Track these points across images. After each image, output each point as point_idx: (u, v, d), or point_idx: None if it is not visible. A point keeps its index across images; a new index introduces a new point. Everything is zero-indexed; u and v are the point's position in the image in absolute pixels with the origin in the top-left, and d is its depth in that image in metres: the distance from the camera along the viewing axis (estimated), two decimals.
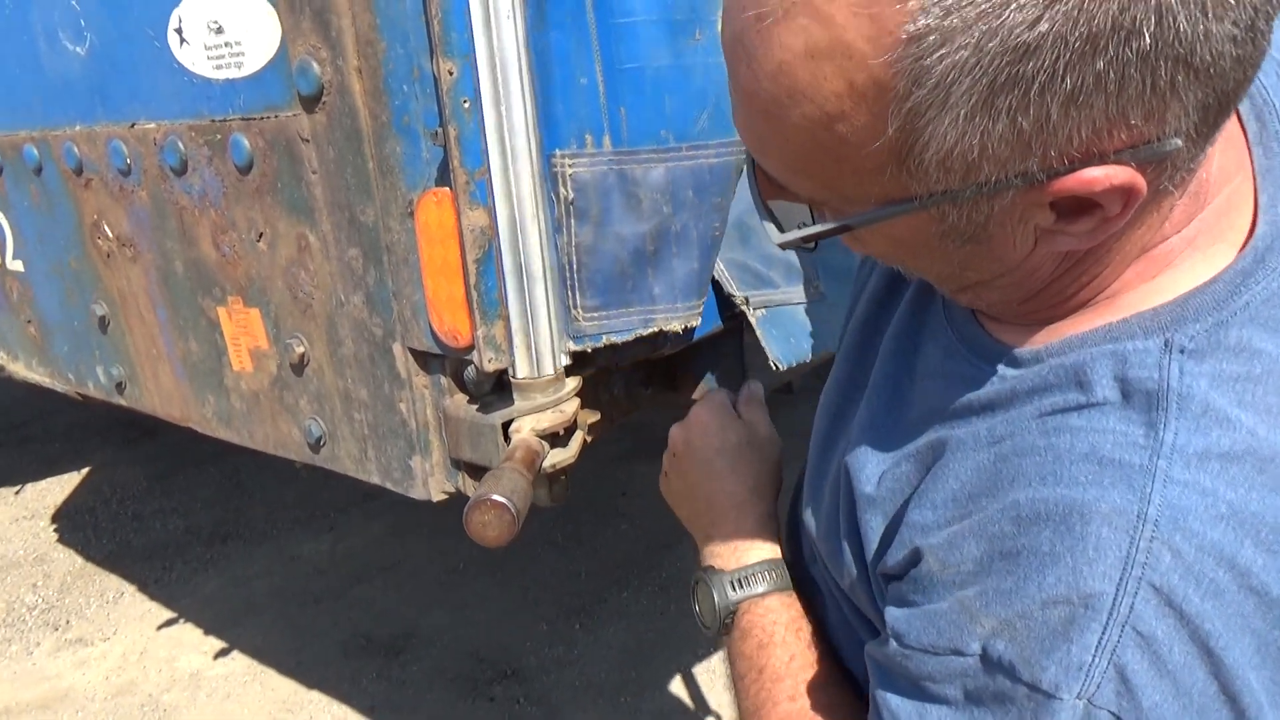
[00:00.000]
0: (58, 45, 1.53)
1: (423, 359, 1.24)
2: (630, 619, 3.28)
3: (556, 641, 3.19)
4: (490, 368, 1.12)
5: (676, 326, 1.32)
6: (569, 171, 1.23)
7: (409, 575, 3.62)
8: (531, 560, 3.63)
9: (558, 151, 1.20)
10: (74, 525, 4.18)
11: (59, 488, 4.56)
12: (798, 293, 1.52)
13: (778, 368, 1.46)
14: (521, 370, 1.13)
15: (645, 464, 4.37)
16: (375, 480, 1.34)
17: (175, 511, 4.22)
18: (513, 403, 1.18)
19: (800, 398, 4.88)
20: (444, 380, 1.24)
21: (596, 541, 3.76)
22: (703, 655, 3.07)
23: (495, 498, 0.94)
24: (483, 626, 3.28)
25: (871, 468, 0.70)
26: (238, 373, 1.47)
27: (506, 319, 1.12)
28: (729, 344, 1.50)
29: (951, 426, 0.65)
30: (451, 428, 1.22)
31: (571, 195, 1.23)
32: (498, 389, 1.22)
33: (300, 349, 1.35)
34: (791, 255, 1.50)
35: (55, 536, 4.10)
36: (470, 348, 1.15)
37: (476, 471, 1.26)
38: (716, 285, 1.41)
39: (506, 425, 1.16)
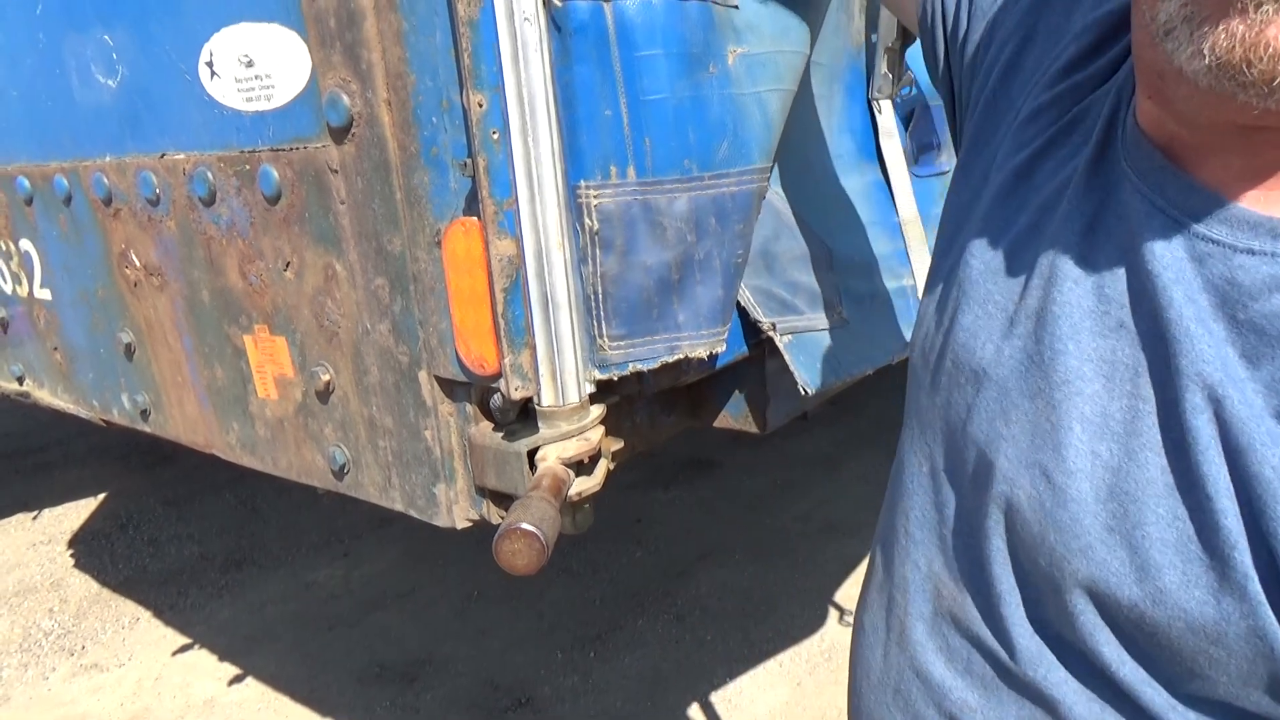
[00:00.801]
0: (89, 78, 1.55)
1: (448, 387, 1.25)
2: (646, 647, 3.26)
3: (571, 670, 3.18)
4: (517, 395, 1.13)
5: (702, 353, 1.33)
6: (594, 202, 1.24)
7: (424, 602, 3.62)
8: (546, 588, 3.63)
9: (583, 182, 1.21)
10: (90, 551, 4.19)
11: (76, 513, 4.58)
12: (821, 319, 1.52)
13: (807, 392, 1.47)
14: (547, 398, 1.14)
15: (660, 491, 4.37)
16: (399, 508, 1.35)
17: (191, 537, 4.24)
18: (538, 430, 1.18)
19: (814, 424, 4.86)
20: (469, 408, 1.25)
21: (612, 569, 3.75)
22: (719, 684, 3.06)
23: (525, 526, 0.95)
24: (497, 654, 3.28)
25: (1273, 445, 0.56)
26: (262, 400, 1.48)
27: (533, 347, 1.12)
28: (752, 371, 1.50)
29: None
30: (476, 455, 1.23)
31: (597, 226, 1.24)
32: (522, 417, 1.23)
33: (326, 377, 1.36)
34: (814, 281, 1.51)
35: (72, 562, 4.12)
36: (497, 375, 1.15)
37: (501, 499, 1.27)
38: (742, 312, 1.42)
39: (532, 453, 1.16)
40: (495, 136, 1.07)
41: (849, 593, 3.48)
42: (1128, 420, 0.62)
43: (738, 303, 1.40)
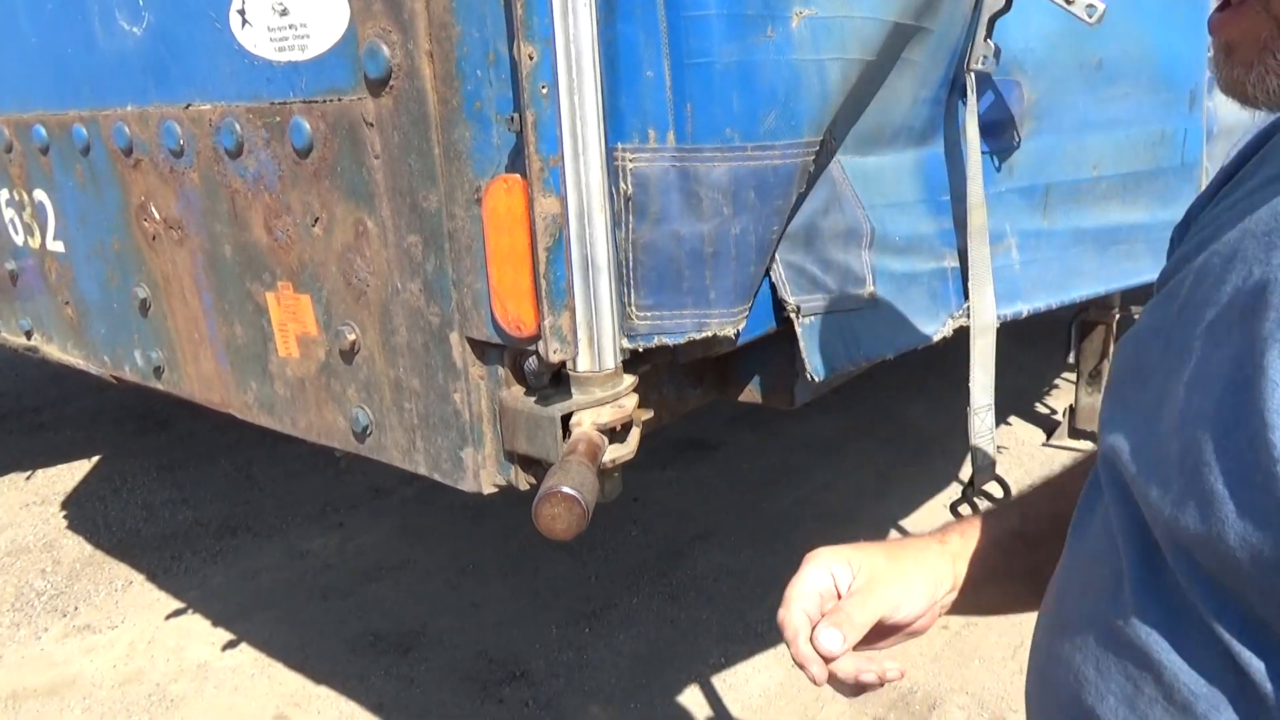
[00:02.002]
0: (113, 25, 1.52)
1: (481, 349, 1.23)
2: (641, 625, 3.26)
3: (566, 645, 3.17)
4: (555, 358, 1.11)
5: (730, 332, 1.31)
6: (630, 166, 1.22)
7: (418, 575, 3.60)
8: (542, 563, 3.62)
9: (619, 145, 1.19)
10: (84, 513, 4.16)
11: (69, 475, 4.55)
12: (849, 299, 1.50)
13: (813, 380, 1.45)
14: (584, 363, 1.12)
15: (658, 471, 4.35)
16: (422, 471, 1.33)
17: (185, 503, 4.21)
18: (570, 396, 1.16)
19: (814, 410, 4.87)
20: (501, 371, 1.23)
21: (607, 546, 3.74)
22: (714, 665, 3.06)
23: (565, 490, 0.93)
24: (492, 628, 3.27)
25: None
26: (283, 359, 1.46)
27: (573, 310, 1.10)
28: (781, 346, 1.48)
29: None
30: (508, 420, 1.21)
31: (631, 190, 1.22)
32: (554, 382, 1.21)
33: (352, 336, 1.33)
34: (850, 259, 1.48)
35: (65, 523, 4.09)
36: (534, 338, 1.13)
37: (529, 464, 1.25)
38: (772, 287, 1.40)
39: (566, 418, 1.15)
40: (545, 91, 1.04)
41: None
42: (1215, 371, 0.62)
43: (768, 276, 1.38)
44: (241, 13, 1.33)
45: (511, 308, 1.13)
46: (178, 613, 3.41)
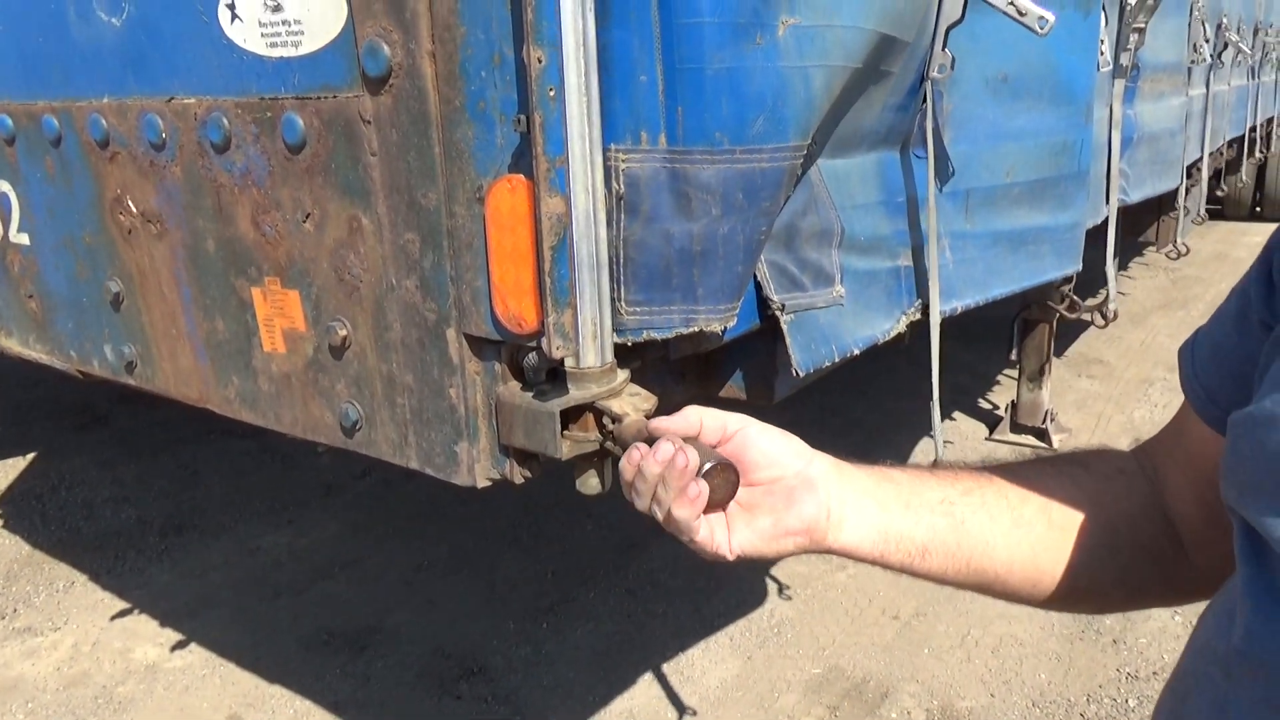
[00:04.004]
0: (90, 15, 1.50)
1: (478, 345, 1.24)
2: (598, 620, 3.29)
3: (524, 641, 3.18)
4: (558, 355, 1.13)
5: (717, 327, 1.34)
6: (622, 166, 1.24)
7: (371, 572, 3.58)
8: (497, 559, 3.62)
9: (613, 145, 1.22)
10: (20, 512, 4.04)
11: (3, 472, 4.41)
12: (822, 296, 1.55)
13: (799, 374, 1.50)
14: (587, 359, 1.14)
15: (613, 465, 4.37)
16: (414, 465, 1.34)
17: (126, 500, 4.11)
18: (566, 391, 1.19)
19: (755, 405, 4.91)
20: (498, 367, 1.25)
21: (564, 542, 3.76)
22: (670, 657, 3.10)
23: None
24: (448, 625, 3.26)
25: None
26: (268, 354, 1.45)
27: (575, 307, 1.13)
28: (761, 343, 1.53)
29: None
30: (505, 415, 1.23)
31: (623, 189, 1.25)
32: (550, 378, 1.23)
33: (343, 332, 1.34)
34: (822, 259, 1.54)
35: (0, 522, 3.96)
36: (534, 335, 1.16)
37: (525, 458, 1.27)
38: (757, 285, 1.44)
39: (565, 413, 1.17)
40: (552, 93, 1.06)
41: (795, 570, 3.54)
42: None
43: (754, 276, 1.42)
44: (231, 7, 1.33)
45: (513, 305, 1.15)
46: (123, 613, 3.33)
